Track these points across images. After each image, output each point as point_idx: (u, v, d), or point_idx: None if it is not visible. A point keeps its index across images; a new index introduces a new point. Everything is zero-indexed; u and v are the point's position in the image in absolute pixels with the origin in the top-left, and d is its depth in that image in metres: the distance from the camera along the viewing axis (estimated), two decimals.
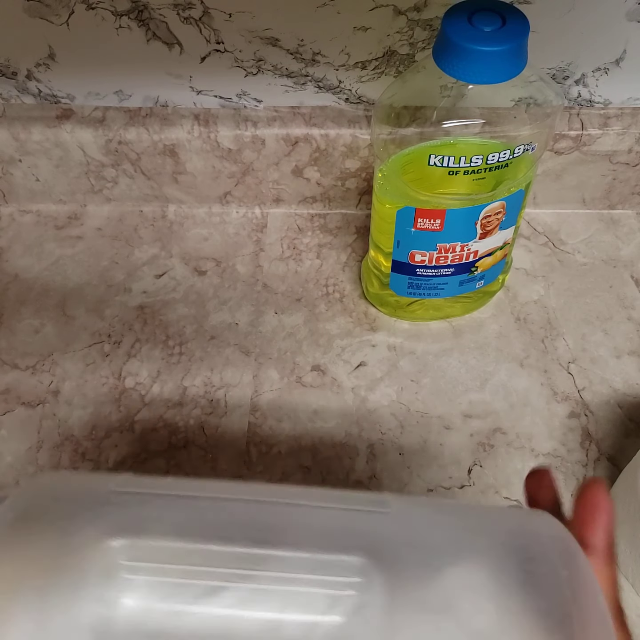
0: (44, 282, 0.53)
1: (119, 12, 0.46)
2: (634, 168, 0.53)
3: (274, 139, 0.52)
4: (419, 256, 0.44)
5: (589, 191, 0.55)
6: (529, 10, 0.44)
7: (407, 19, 0.46)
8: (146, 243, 0.56)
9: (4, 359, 0.49)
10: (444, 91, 0.37)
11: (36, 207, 0.58)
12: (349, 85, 0.51)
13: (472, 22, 0.34)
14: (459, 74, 0.35)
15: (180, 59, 0.49)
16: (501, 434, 0.45)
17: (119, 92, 0.52)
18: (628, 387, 0.47)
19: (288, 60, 0.49)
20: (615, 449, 0.44)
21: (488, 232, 0.43)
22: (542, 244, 0.55)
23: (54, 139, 0.52)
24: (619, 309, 0.51)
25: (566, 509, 0.28)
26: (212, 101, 0.52)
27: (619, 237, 0.55)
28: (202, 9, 0.46)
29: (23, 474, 0.44)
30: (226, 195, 0.56)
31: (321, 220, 0.57)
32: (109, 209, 0.58)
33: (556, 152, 0.52)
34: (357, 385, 0.47)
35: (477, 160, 0.38)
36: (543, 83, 0.39)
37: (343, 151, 0.52)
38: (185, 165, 0.54)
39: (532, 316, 0.51)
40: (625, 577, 0.39)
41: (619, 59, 0.48)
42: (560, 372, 0.48)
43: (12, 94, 0.52)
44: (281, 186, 0.55)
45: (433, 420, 0.46)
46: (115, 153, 0.53)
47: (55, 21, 0.47)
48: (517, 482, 0.43)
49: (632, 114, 0.51)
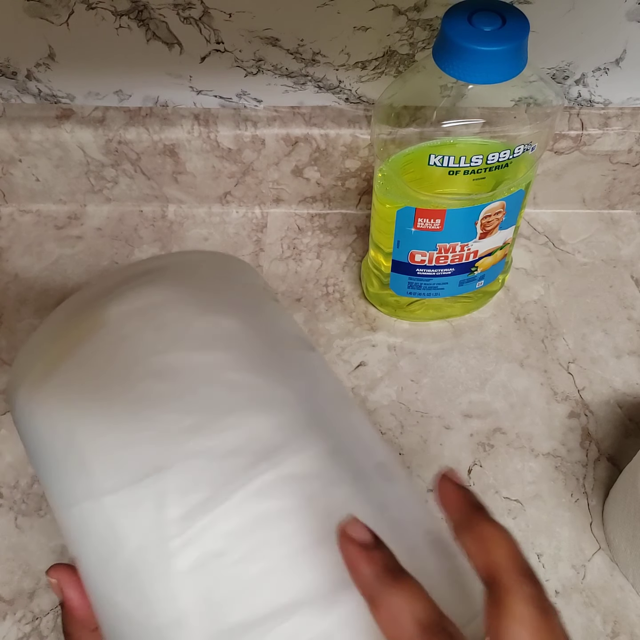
0: (44, 282, 0.53)
1: (119, 12, 0.46)
2: (634, 168, 0.53)
3: (274, 139, 0.52)
4: (419, 256, 0.44)
5: (589, 191, 0.55)
6: (529, 10, 0.44)
7: (407, 19, 0.46)
8: (146, 243, 0.56)
9: (4, 358, 0.49)
10: (444, 91, 0.37)
11: (36, 207, 0.58)
12: (349, 85, 0.51)
13: (472, 22, 0.34)
14: (459, 73, 0.35)
15: (180, 59, 0.49)
16: (501, 434, 0.45)
17: (119, 92, 0.52)
18: (628, 387, 0.47)
19: (288, 60, 0.49)
20: (615, 449, 0.44)
21: (488, 232, 0.43)
22: (542, 244, 0.55)
23: (54, 139, 0.52)
24: (619, 309, 0.51)
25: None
26: (212, 101, 0.52)
27: (619, 237, 0.55)
28: (202, 9, 0.46)
29: (23, 474, 0.44)
30: (226, 195, 0.56)
31: (321, 220, 0.57)
32: (109, 209, 0.58)
33: (556, 152, 0.52)
34: (357, 385, 0.47)
35: (477, 160, 0.38)
36: (543, 83, 0.39)
37: (343, 151, 0.52)
38: (185, 165, 0.54)
39: (532, 316, 0.51)
40: (625, 577, 0.39)
41: (619, 59, 0.48)
42: (560, 372, 0.48)
43: (12, 94, 0.52)
44: (281, 186, 0.55)
45: (433, 420, 0.46)
46: (115, 153, 0.53)
47: (55, 21, 0.47)
48: (517, 482, 0.43)
49: (632, 114, 0.51)
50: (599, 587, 0.39)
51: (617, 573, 0.39)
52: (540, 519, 0.41)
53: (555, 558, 0.40)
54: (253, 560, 0.23)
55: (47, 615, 0.39)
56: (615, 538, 0.39)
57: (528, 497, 0.42)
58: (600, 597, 0.39)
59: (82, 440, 0.26)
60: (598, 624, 0.38)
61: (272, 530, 0.23)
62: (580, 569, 0.40)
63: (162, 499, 0.24)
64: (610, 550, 0.40)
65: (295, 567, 0.23)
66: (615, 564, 0.40)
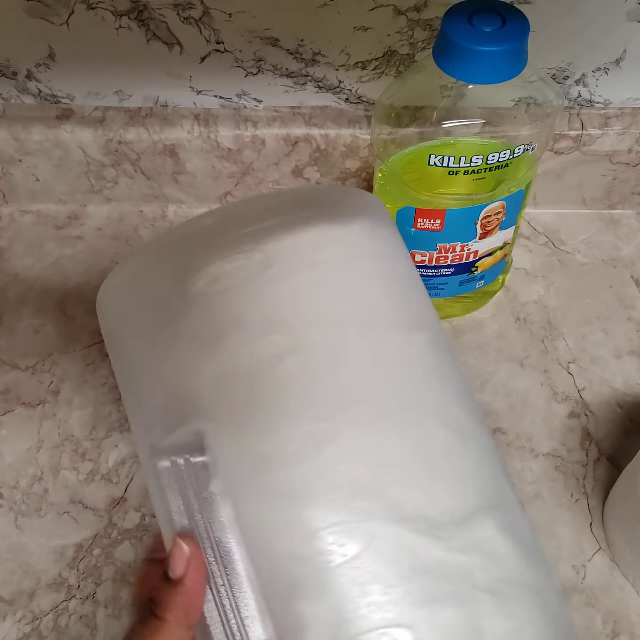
0: (44, 282, 0.53)
1: (119, 12, 0.46)
2: (634, 168, 0.53)
3: (274, 139, 0.52)
4: (419, 256, 0.44)
5: (589, 191, 0.55)
6: (529, 10, 0.44)
7: (407, 19, 0.46)
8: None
9: (4, 359, 0.49)
10: (444, 91, 0.37)
11: (36, 207, 0.58)
12: (349, 85, 0.51)
13: (472, 22, 0.34)
14: (459, 74, 0.35)
15: (180, 59, 0.49)
16: (501, 434, 0.45)
17: (119, 92, 0.52)
18: (628, 387, 0.47)
19: (288, 60, 0.49)
20: (615, 449, 0.44)
21: (488, 232, 0.43)
22: (542, 244, 0.55)
23: (54, 139, 0.52)
24: (619, 309, 0.51)
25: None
26: (212, 101, 0.52)
27: (619, 237, 0.55)
28: (202, 9, 0.46)
29: (23, 474, 0.44)
30: (226, 195, 0.56)
31: None
32: (109, 209, 0.58)
33: (556, 152, 0.52)
34: None
35: (477, 160, 0.38)
36: (543, 83, 0.39)
37: (343, 151, 0.52)
38: (185, 165, 0.54)
39: (532, 316, 0.51)
40: (625, 577, 0.39)
41: (619, 59, 0.48)
42: (560, 372, 0.48)
43: (12, 94, 0.52)
44: (281, 186, 0.55)
45: None
46: (115, 153, 0.53)
47: (55, 21, 0.47)
48: (517, 482, 0.43)
49: (632, 114, 0.51)
50: (599, 587, 0.39)
51: (617, 573, 0.39)
52: (540, 519, 0.41)
53: (555, 558, 0.40)
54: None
55: (47, 616, 0.39)
56: (615, 538, 0.39)
57: (528, 497, 0.42)
58: (600, 597, 0.39)
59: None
60: (598, 624, 0.38)
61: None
62: (580, 569, 0.40)
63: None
64: (610, 550, 0.40)
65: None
66: (615, 564, 0.40)
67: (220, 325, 0.25)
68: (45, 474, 0.44)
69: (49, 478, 0.44)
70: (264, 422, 0.24)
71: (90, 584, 0.40)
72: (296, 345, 0.25)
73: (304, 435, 0.24)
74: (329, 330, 0.25)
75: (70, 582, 0.40)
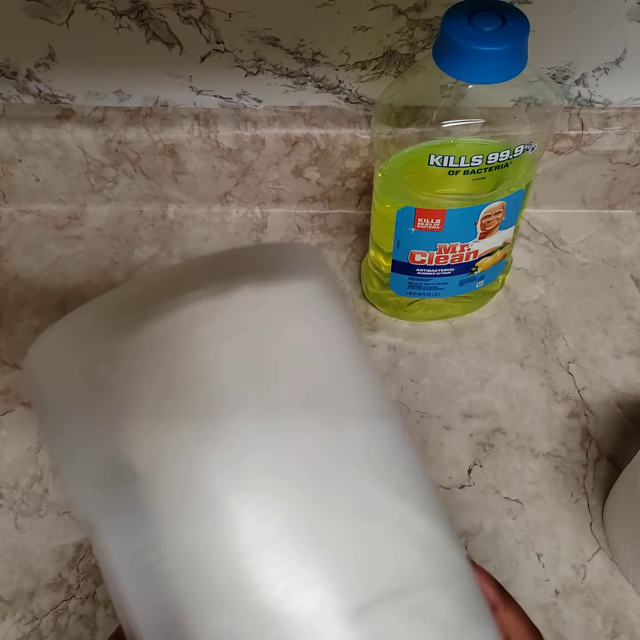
0: (44, 282, 0.53)
1: (119, 12, 0.46)
2: (634, 168, 0.53)
3: (274, 139, 0.52)
4: (419, 256, 0.44)
5: (589, 191, 0.55)
6: (529, 10, 0.44)
7: (407, 19, 0.46)
8: (146, 243, 0.56)
9: (4, 359, 0.49)
10: (444, 91, 0.37)
11: (36, 207, 0.58)
12: (349, 85, 0.51)
13: (472, 22, 0.34)
14: (459, 73, 0.35)
15: (180, 59, 0.49)
16: (501, 434, 0.45)
17: (119, 92, 0.52)
18: (628, 387, 0.47)
19: (288, 60, 0.49)
20: (615, 449, 0.44)
21: (488, 232, 0.43)
22: (542, 244, 0.55)
23: (54, 139, 0.52)
24: (619, 309, 0.51)
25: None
26: (212, 101, 0.52)
27: (619, 237, 0.55)
28: (202, 8, 0.46)
29: (23, 474, 0.44)
30: (226, 195, 0.56)
31: (321, 220, 0.57)
32: (109, 209, 0.58)
33: (556, 152, 0.52)
34: None
35: (477, 160, 0.38)
36: (543, 83, 0.39)
37: (343, 151, 0.52)
38: (185, 165, 0.54)
39: (532, 316, 0.51)
40: (625, 577, 0.39)
41: (619, 59, 0.48)
42: (560, 372, 0.48)
43: (12, 94, 0.52)
44: (281, 186, 0.55)
45: (433, 420, 0.46)
46: (115, 153, 0.53)
47: (55, 21, 0.47)
48: (517, 482, 0.43)
49: (632, 114, 0.51)
50: (599, 587, 0.39)
51: (617, 573, 0.39)
52: (540, 519, 0.41)
53: (555, 558, 0.40)
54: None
55: (47, 616, 0.39)
56: (615, 538, 0.39)
57: (528, 497, 0.42)
58: (600, 597, 0.39)
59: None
60: (598, 624, 0.38)
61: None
62: (580, 569, 0.40)
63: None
64: (610, 550, 0.40)
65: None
66: (615, 564, 0.40)
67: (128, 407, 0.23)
68: (45, 474, 0.44)
69: (49, 478, 0.44)
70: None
71: (90, 584, 0.40)
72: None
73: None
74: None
75: (70, 582, 0.40)
